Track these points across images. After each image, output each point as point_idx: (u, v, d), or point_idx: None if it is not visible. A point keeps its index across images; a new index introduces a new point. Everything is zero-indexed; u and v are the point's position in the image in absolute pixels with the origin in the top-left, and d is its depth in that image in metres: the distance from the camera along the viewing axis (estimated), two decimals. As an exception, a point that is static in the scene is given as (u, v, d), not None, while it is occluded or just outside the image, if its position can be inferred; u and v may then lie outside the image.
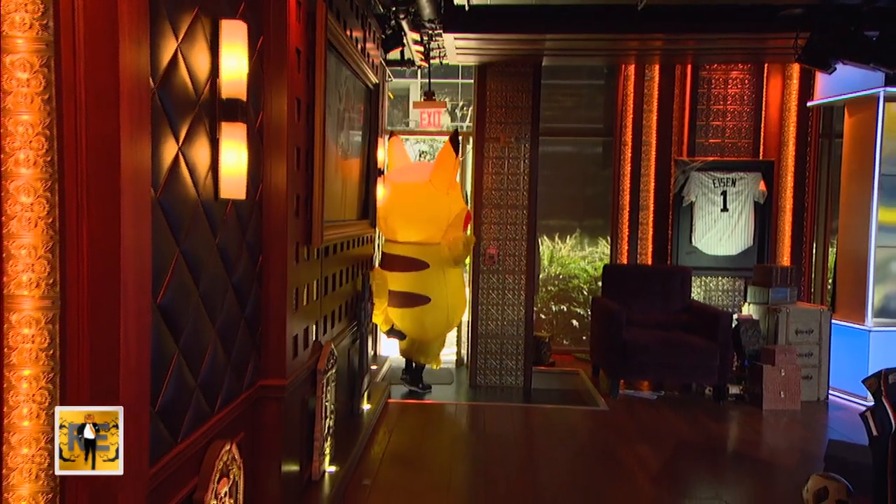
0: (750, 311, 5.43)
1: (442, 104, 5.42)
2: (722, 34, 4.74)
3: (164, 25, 1.72)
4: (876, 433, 2.41)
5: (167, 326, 1.77)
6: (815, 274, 6.13)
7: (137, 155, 1.52)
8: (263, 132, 2.46)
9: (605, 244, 6.77)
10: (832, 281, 5.93)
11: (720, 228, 5.94)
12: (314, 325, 3.00)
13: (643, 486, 3.48)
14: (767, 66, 5.94)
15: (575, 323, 6.77)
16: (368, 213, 4.19)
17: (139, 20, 1.52)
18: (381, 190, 4.67)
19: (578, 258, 6.91)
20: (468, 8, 4.49)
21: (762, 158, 5.99)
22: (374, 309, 4.36)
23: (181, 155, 1.83)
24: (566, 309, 6.80)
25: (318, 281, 3.04)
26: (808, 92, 5.80)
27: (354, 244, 3.89)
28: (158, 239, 1.68)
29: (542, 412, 4.82)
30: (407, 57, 5.31)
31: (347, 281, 3.71)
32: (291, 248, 2.60)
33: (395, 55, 5.17)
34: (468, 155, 6.01)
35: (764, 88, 5.99)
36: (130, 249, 1.51)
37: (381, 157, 4.41)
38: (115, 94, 1.45)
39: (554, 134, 6.52)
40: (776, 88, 5.97)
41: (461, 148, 5.50)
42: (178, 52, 1.79)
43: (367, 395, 4.20)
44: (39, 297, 1.44)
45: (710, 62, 5.89)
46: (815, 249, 6.07)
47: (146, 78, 1.57)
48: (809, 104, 5.75)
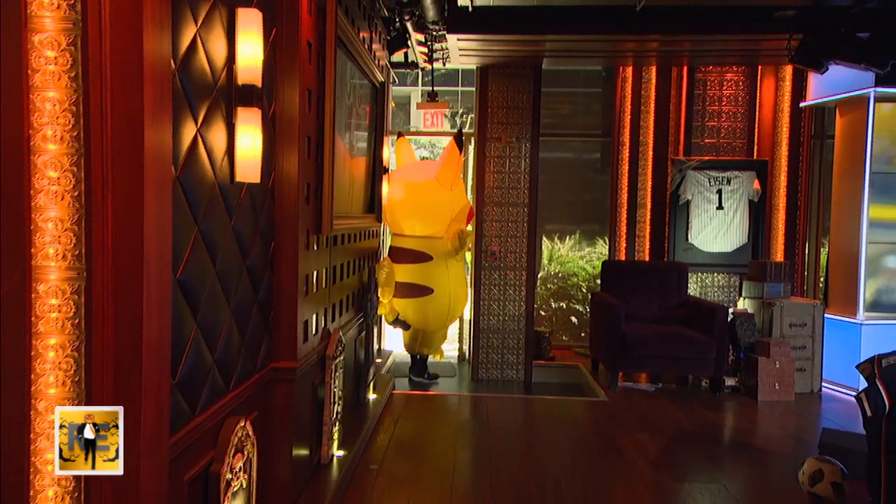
0: (745, 305, 5.50)
1: (445, 104, 5.52)
2: (717, 35, 4.82)
3: (184, 10, 1.78)
4: (870, 414, 2.47)
5: (186, 302, 1.82)
6: (807, 270, 6.22)
7: (159, 133, 1.57)
8: (276, 121, 2.52)
9: (602, 245, 6.85)
10: (824, 276, 6.02)
11: (716, 226, 6.03)
12: (323, 312, 3.05)
13: (644, 471, 3.54)
14: (761, 68, 6.04)
15: (574, 319, 6.83)
16: (374, 207, 4.26)
17: (161, 3, 1.57)
18: (386, 187, 4.76)
19: (577, 258, 6.98)
20: (471, 9, 4.57)
21: (756, 158, 6.10)
22: (379, 301, 4.43)
23: (199, 136, 1.89)
24: (565, 306, 6.86)
25: (326, 269, 3.10)
26: (800, 93, 5.90)
27: (361, 237, 3.94)
28: (178, 217, 1.73)
29: (543, 403, 4.89)
30: (411, 59, 5.38)
31: (354, 273, 3.76)
32: (302, 235, 2.65)
33: (398, 57, 5.24)
34: (469, 155, 6.08)
35: (758, 90, 6.09)
36: (153, 224, 1.55)
37: (386, 155, 4.49)
38: (139, 73, 1.49)
39: (554, 136, 6.61)
40: (769, 90, 6.08)
41: (464, 148, 5.60)
42: (197, 37, 1.85)
43: (372, 385, 4.26)
44: (66, 268, 1.48)
45: (705, 64, 5.99)
46: (807, 246, 6.16)
47: (168, 60, 1.61)
48: (802, 105, 5.85)
